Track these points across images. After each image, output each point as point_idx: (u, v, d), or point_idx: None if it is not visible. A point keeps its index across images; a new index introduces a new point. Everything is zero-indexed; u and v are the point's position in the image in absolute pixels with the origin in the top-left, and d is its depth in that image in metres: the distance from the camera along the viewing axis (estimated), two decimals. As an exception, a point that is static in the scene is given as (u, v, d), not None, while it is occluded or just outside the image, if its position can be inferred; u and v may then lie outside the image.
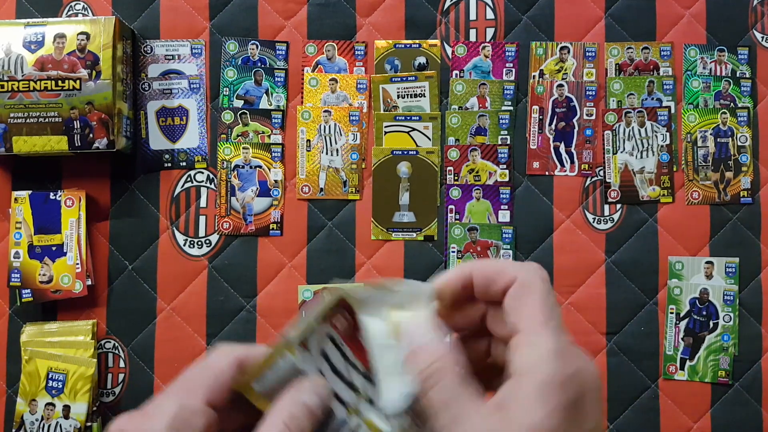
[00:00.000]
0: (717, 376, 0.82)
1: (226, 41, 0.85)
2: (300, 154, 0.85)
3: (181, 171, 0.85)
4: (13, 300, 0.83)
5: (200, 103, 0.85)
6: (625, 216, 0.84)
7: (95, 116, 0.78)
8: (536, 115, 0.85)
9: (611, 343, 0.83)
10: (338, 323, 0.38)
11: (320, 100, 0.85)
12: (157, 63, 0.85)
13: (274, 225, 0.84)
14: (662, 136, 0.84)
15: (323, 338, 0.38)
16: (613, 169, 0.84)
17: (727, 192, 0.84)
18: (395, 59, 0.85)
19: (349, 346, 0.38)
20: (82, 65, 0.78)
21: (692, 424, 0.82)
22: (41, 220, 0.82)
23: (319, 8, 0.86)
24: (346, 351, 0.38)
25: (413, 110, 0.85)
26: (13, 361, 0.83)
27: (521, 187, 0.85)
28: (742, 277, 0.83)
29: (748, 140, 0.84)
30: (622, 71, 0.85)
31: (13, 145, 0.78)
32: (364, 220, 0.84)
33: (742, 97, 0.85)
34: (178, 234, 0.84)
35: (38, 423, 0.79)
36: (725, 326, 0.82)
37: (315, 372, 0.38)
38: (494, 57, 0.85)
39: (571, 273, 0.83)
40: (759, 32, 0.85)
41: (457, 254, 0.83)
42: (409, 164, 0.85)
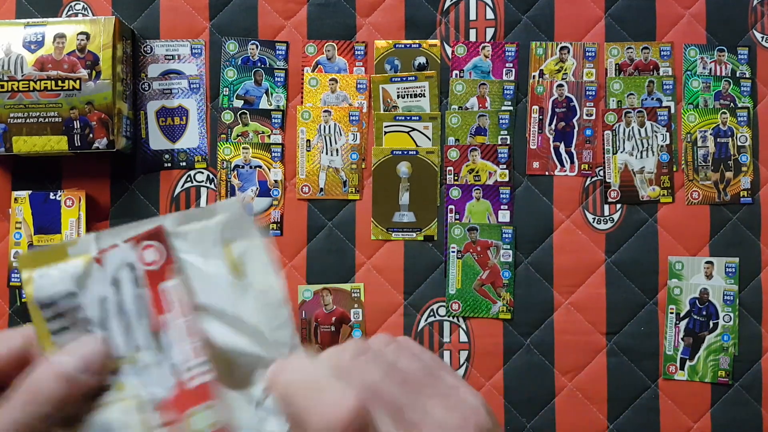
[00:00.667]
0: (717, 376, 0.82)
1: (226, 41, 0.85)
2: (300, 154, 0.85)
3: (181, 171, 0.85)
4: (13, 300, 0.83)
5: (200, 103, 0.85)
6: (625, 216, 0.84)
7: (95, 116, 0.78)
8: (536, 115, 0.85)
9: (611, 343, 0.83)
10: (147, 256, 0.31)
11: (320, 100, 0.85)
12: (157, 63, 0.85)
13: (274, 225, 0.84)
14: (662, 136, 0.84)
15: (122, 264, 0.31)
16: (613, 169, 0.84)
17: (727, 192, 0.84)
18: (395, 59, 0.85)
19: (151, 291, 0.31)
20: (82, 65, 0.78)
21: (692, 424, 0.82)
22: (41, 220, 0.82)
23: (319, 8, 0.86)
24: (144, 294, 0.31)
25: (413, 110, 0.85)
26: (13, 361, 0.83)
27: (521, 187, 0.85)
28: (742, 277, 0.83)
29: (748, 140, 0.84)
30: (622, 71, 0.85)
31: (13, 145, 0.78)
32: (364, 220, 0.84)
33: (742, 97, 0.85)
34: (178, 234, 0.84)
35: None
36: (725, 326, 0.82)
37: (95, 301, 0.30)
38: (494, 57, 0.85)
39: (571, 273, 0.83)
40: (759, 32, 0.85)
41: (457, 254, 0.84)
42: (409, 164, 0.85)
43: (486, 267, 0.83)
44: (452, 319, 0.83)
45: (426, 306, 0.84)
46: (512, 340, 0.83)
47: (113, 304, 0.30)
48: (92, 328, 0.31)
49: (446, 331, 0.83)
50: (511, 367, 0.83)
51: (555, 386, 0.83)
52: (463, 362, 0.83)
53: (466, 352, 0.83)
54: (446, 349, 0.83)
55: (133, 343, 0.30)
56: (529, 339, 0.83)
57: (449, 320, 0.83)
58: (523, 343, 0.83)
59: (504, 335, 0.83)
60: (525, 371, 0.82)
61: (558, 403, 0.82)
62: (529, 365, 0.83)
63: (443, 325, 0.83)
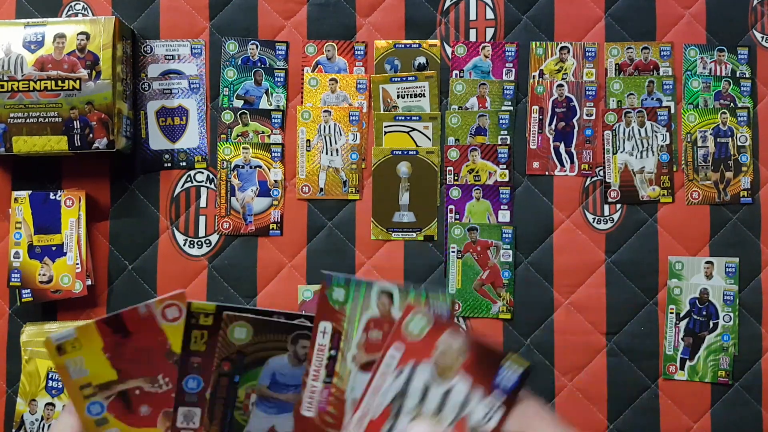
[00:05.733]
0: (717, 376, 0.82)
1: (226, 41, 0.85)
2: (300, 154, 0.85)
3: (181, 171, 0.85)
4: (13, 300, 0.83)
5: (200, 103, 0.85)
6: (625, 216, 0.84)
7: (95, 116, 0.78)
8: (536, 115, 0.85)
9: (611, 343, 0.83)
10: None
11: (320, 100, 0.85)
12: (157, 63, 0.85)
13: (274, 225, 0.84)
14: (662, 136, 0.84)
15: None
16: (613, 169, 0.84)
17: (727, 192, 0.84)
18: (395, 59, 0.85)
19: None
20: (82, 65, 0.78)
21: (692, 424, 0.82)
22: (41, 220, 0.82)
23: (319, 8, 0.86)
24: None
25: (413, 110, 0.85)
26: (13, 361, 0.83)
27: (521, 187, 0.85)
28: (742, 277, 0.83)
29: (748, 140, 0.84)
30: (622, 71, 0.85)
31: (13, 145, 0.78)
32: (364, 220, 0.84)
33: (742, 97, 0.85)
34: (178, 234, 0.84)
35: (38, 423, 0.79)
36: (725, 326, 0.82)
37: None
38: (494, 57, 0.85)
39: (571, 273, 0.83)
40: (759, 32, 0.85)
41: (457, 254, 0.84)
42: (409, 164, 0.85)
43: (486, 267, 0.83)
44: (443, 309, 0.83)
45: (426, 306, 0.83)
46: (512, 340, 0.83)
47: None
48: None
49: (446, 331, 0.83)
50: (511, 367, 0.83)
51: (555, 386, 0.83)
52: (463, 362, 0.83)
53: (466, 352, 0.83)
54: (446, 349, 0.83)
55: None
56: (529, 339, 0.83)
57: (449, 320, 0.83)
58: (523, 343, 0.83)
59: (504, 335, 0.83)
60: (525, 371, 0.82)
61: (558, 403, 0.82)
62: (529, 365, 0.83)
63: (443, 325, 0.83)
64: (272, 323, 0.42)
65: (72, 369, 0.41)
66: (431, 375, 0.39)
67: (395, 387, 0.39)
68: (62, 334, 0.41)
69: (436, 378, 0.39)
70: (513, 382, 0.39)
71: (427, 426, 0.38)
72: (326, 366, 0.40)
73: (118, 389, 0.42)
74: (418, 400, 0.39)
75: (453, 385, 0.39)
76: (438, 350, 0.39)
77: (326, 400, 0.40)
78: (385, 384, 0.39)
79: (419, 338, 0.39)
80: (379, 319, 0.40)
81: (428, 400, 0.39)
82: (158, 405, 0.43)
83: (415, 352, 0.39)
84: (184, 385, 0.43)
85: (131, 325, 0.42)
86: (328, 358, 0.40)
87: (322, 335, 0.40)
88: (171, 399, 0.43)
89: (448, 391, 0.39)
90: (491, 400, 0.39)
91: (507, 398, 0.39)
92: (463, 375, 0.39)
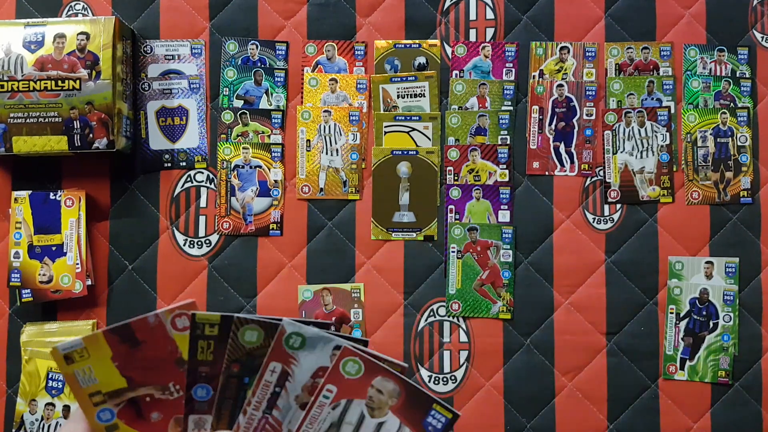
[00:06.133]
0: (717, 376, 0.82)
1: (226, 41, 0.85)
2: (300, 154, 0.85)
3: (181, 171, 0.85)
4: (13, 300, 0.83)
5: (200, 103, 0.85)
6: (625, 216, 0.84)
7: (95, 116, 0.78)
8: (536, 115, 0.85)
9: (611, 343, 0.83)
10: None
11: (320, 100, 0.85)
12: (156, 63, 0.85)
13: (274, 225, 0.84)
14: (662, 136, 0.84)
15: None
16: (613, 169, 0.84)
17: (727, 192, 0.84)
18: (395, 59, 0.85)
19: None
20: (82, 65, 0.78)
21: (692, 424, 0.82)
22: (41, 220, 0.82)
23: (319, 8, 0.86)
24: None
25: (413, 110, 0.85)
26: (13, 361, 0.83)
27: (521, 187, 0.85)
28: (742, 277, 0.83)
29: (748, 140, 0.84)
30: (622, 71, 0.85)
31: (13, 145, 0.78)
32: (364, 220, 0.84)
33: (742, 97, 0.85)
34: (178, 234, 0.84)
35: (38, 423, 0.79)
36: (725, 326, 0.82)
37: None
38: (494, 57, 0.85)
39: (571, 273, 0.83)
40: (759, 32, 0.85)
41: (457, 254, 0.84)
42: (409, 164, 0.85)
43: (486, 267, 0.83)
44: (452, 319, 0.83)
45: (426, 306, 0.83)
46: (512, 340, 0.83)
47: None
48: None
49: (446, 331, 0.83)
50: (511, 367, 0.83)
51: (555, 386, 0.83)
52: (463, 362, 0.83)
53: (466, 352, 0.83)
54: (446, 349, 0.83)
55: None
56: (529, 339, 0.83)
57: (449, 320, 0.83)
58: (523, 343, 0.83)
59: (504, 335, 0.83)
60: (525, 371, 0.82)
61: (558, 403, 0.82)
62: (529, 365, 0.83)
63: (443, 325, 0.83)
64: None
65: (81, 378, 0.42)
66: (365, 410, 0.43)
67: (332, 417, 0.43)
68: (69, 344, 0.41)
69: (369, 413, 0.43)
70: (440, 426, 0.44)
71: None
72: (268, 399, 0.43)
73: (128, 396, 0.42)
74: (353, 429, 0.43)
75: (386, 419, 0.43)
76: (372, 390, 0.44)
77: (263, 429, 0.44)
78: (322, 414, 0.43)
79: (354, 378, 0.43)
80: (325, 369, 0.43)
81: (362, 429, 0.43)
82: (169, 411, 0.43)
83: (349, 390, 0.43)
84: (193, 393, 0.43)
85: (141, 335, 0.43)
86: (271, 393, 0.44)
87: (270, 373, 0.44)
88: (182, 405, 0.43)
89: (381, 423, 0.43)
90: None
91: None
92: (394, 414, 0.43)
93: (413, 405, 0.44)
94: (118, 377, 0.42)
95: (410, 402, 0.44)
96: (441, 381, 0.82)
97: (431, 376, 0.83)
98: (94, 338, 0.41)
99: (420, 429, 0.43)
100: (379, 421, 0.43)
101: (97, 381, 0.41)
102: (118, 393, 0.42)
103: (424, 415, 0.44)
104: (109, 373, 0.41)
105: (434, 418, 0.44)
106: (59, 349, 0.41)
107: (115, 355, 0.42)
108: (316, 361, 0.43)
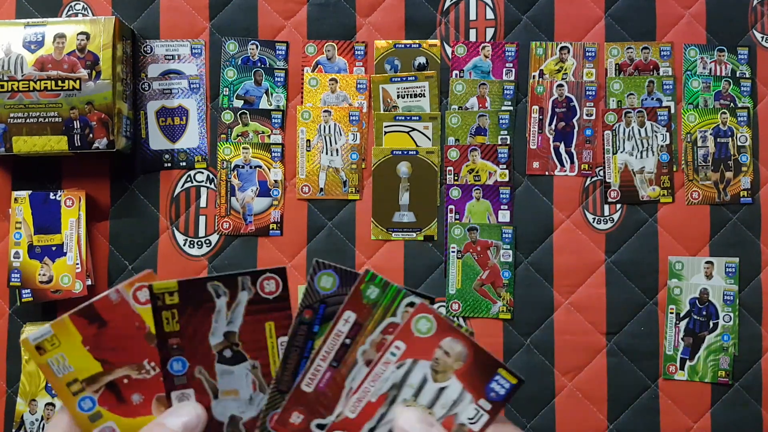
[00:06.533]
0: (717, 376, 0.82)
1: (226, 41, 0.85)
2: (300, 154, 0.85)
3: (181, 171, 0.85)
4: (13, 300, 0.83)
5: (200, 103, 0.85)
6: (625, 216, 0.84)
7: (95, 116, 0.78)
8: (536, 115, 0.85)
9: (611, 343, 0.83)
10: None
11: (320, 100, 0.85)
12: (156, 63, 0.85)
13: (274, 225, 0.84)
14: (662, 136, 0.84)
15: None
16: (613, 169, 0.84)
17: (727, 192, 0.84)
18: (395, 59, 0.85)
19: None
20: (82, 65, 0.78)
21: (692, 424, 0.82)
22: (41, 220, 0.82)
23: (319, 8, 0.86)
24: None
25: (413, 110, 0.85)
26: (13, 361, 0.83)
27: (521, 187, 0.85)
28: (742, 277, 0.83)
29: (748, 140, 0.84)
30: (622, 71, 0.85)
31: (13, 145, 0.78)
32: (364, 220, 0.84)
33: (742, 97, 0.85)
34: (178, 234, 0.84)
35: (38, 423, 0.79)
36: (725, 326, 0.82)
37: None
38: (494, 57, 0.85)
39: (571, 273, 0.83)
40: (759, 32, 0.85)
41: (457, 254, 0.84)
42: (409, 164, 0.85)
43: (486, 267, 0.83)
44: (452, 319, 0.83)
45: (426, 306, 0.83)
46: (512, 340, 0.83)
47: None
48: None
49: (446, 331, 0.83)
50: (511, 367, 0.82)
51: (555, 386, 0.83)
52: (463, 362, 0.83)
53: (466, 352, 0.83)
54: (446, 349, 0.83)
55: None
56: (529, 339, 0.83)
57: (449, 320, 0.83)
58: (523, 343, 0.83)
59: (504, 335, 0.83)
60: (525, 371, 0.82)
61: (558, 403, 0.82)
62: (529, 365, 0.83)
63: (443, 325, 0.83)
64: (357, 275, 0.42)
65: (55, 367, 0.41)
66: (429, 373, 0.42)
67: (394, 377, 0.42)
68: (39, 333, 0.40)
69: (432, 377, 0.42)
70: (503, 392, 0.42)
71: (417, 414, 0.41)
72: (337, 351, 0.42)
73: (105, 381, 0.41)
74: (414, 392, 0.42)
75: (448, 384, 0.42)
76: (439, 351, 0.42)
77: (326, 382, 0.42)
78: (386, 373, 0.42)
79: (424, 337, 0.42)
80: (399, 324, 0.42)
81: (423, 393, 0.42)
82: (149, 391, 0.42)
83: (417, 349, 0.42)
84: (169, 368, 0.42)
85: (105, 314, 0.41)
86: (341, 345, 0.42)
87: (343, 323, 0.42)
88: (161, 383, 0.42)
89: (442, 389, 0.42)
90: (480, 404, 0.42)
91: (493, 406, 0.42)
92: (458, 379, 0.42)
93: (478, 369, 0.43)
94: (91, 361, 0.41)
95: (475, 366, 0.43)
96: (441, 381, 0.82)
97: (431, 376, 0.83)
98: (62, 323, 0.40)
99: (482, 395, 0.42)
100: (441, 386, 0.42)
101: (72, 369, 0.40)
102: (95, 378, 0.41)
103: (487, 381, 0.43)
104: (83, 358, 0.40)
105: (498, 384, 0.43)
106: (30, 339, 0.40)
107: (84, 339, 0.40)
108: (388, 316, 0.42)
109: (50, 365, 0.40)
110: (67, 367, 0.41)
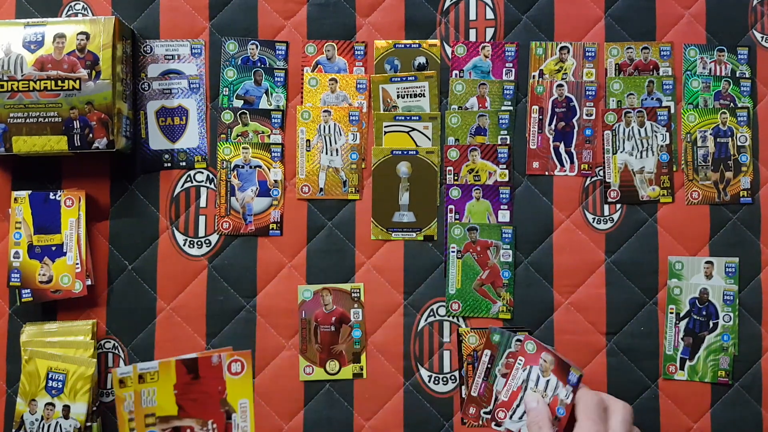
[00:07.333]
0: (717, 376, 0.82)
1: (226, 41, 0.85)
2: (300, 154, 0.85)
3: (180, 171, 0.85)
4: (13, 300, 0.83)
5: (200, 103, 0.85)
6: (625, 216, 0.84)
7: (95, 116, 0.78)
8: (536, 115, 0.85)
9: (611, 343, 0.83)
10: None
11: (320, 100, 0.85)
12: (156, 63, 0.85)
13: (274, 225, 0.84)
14: (662, 136, 0.84)
15: None
16: (613, 169, 0.84)
17: (726, 192, 0.84)
18: (395, 59, 0.85)
19: None
20: (81, 65, 0.78)
21: (692, 424, 0.82)
22: (41, 220, 0.82)
23: (319, 8, 0.86)
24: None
25: (413, 110, 0.85)
26: (13, 361, 0.83)
27: (521, 187, 0.85)
28: (742, 277, 0.83)
29: (748, 140, 0.84)
30: (621, 71, 0.85)
31: (13, 145, 0.78)
32: (364, 220, 0.84)
33: (742, 97, 0.85)
34: (177, 234, 0.84)
35: (38, 423, 0.79)
36: (725, 326, 0.82)
37: None
38: (494, 57, 0.85)
39: (571, 273, 0.83)
40: (759, 32, 0.85)
41: (457, 254, 0.84)
42: (409, 164, 0.85)
43: (486, 267, 0.83)
44: (452, 319, 0.83)
45: (426, 306, 0.84)
46: (512, 340, 0.83)
47: None
48: None
49: (446, 331, 0.83)
50: (511, 367, 0.83)
51: (555, 386, 0.83)
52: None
53: (466, 352, 0.83)
54: (446, 349, 0.83)
55: None
56: (529, 339, 0.83)
57: (449, 320, 0.83)
58: (523, 343, 0.83)
59: (504, 335, 0.83)
60: (525, 371, 0.83)
61: (558, 403, 0.82)
62: (529, 365, 0.83)
63: (443, 325, 0.83)
64: None
65: (144, 398, 0.45)
66: (539, 373, 0.75)
67: (522, 376, 0.76)
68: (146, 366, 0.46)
69: (541, 374, 0.74)
70: (575, 380, 0.71)
71: (536, 395, 0.74)
72: (485, 372, 0.79)
73: (174, 424, 0.45)
74: (534, 383, 0.75)
75: (549, 378, 0.74)
76: (540, 360, 0.75)
77: (482, 389, 0.79)
78: (517, 375, 0.76)
79: (531, 354, 0.76)
80: (514, 352, 0.78)
81: (539, 384, 0.74)
82: None
83: (530, 360, 0.76)
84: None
85: (203, 371, 0.46)
86: (486, 368, 0.79)
87: (486, 356, 0.79)
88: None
89: (548, 381, 0.74)
90: (567, 387, 0.72)
91: (574, 388, 0.71)
92: (554, 374, 0.73)
93: (562, 368, 0.73)
94: (172, 404, 0.44)
95: (559, 366, 0.73)
96: (441, 381, 0.82)
97: (431, 376, 0.83)
98: (168, 364, 0.44)
99: (566, 382, 0.72)
100: (547, 379, 0.74)
101: (155, 404, 0.44)
102: (168, 419, 0.45)
103: (567, 374, 0.72)
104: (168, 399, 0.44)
105: (572, 375, 0.71)
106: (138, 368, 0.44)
107: (177, 384, 0.44)
108: (507, 349, 0.79)
109: (141, 394, 0.44)
110: (153, 401, 0.45)
